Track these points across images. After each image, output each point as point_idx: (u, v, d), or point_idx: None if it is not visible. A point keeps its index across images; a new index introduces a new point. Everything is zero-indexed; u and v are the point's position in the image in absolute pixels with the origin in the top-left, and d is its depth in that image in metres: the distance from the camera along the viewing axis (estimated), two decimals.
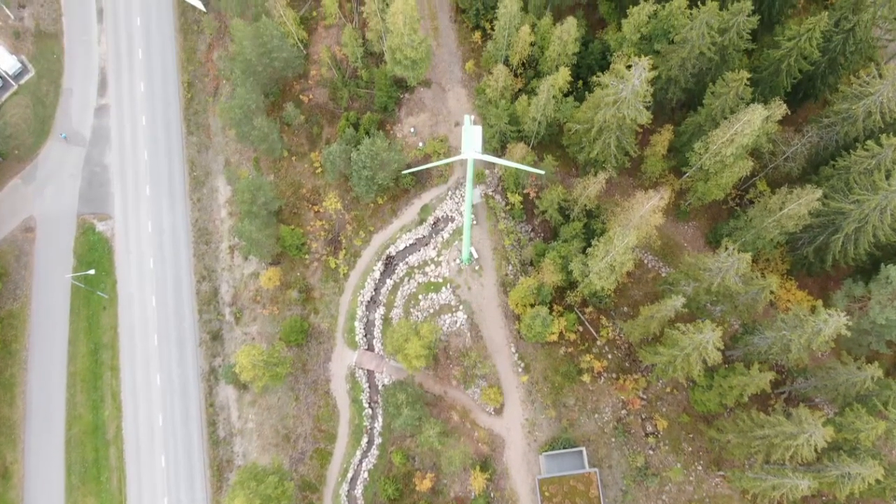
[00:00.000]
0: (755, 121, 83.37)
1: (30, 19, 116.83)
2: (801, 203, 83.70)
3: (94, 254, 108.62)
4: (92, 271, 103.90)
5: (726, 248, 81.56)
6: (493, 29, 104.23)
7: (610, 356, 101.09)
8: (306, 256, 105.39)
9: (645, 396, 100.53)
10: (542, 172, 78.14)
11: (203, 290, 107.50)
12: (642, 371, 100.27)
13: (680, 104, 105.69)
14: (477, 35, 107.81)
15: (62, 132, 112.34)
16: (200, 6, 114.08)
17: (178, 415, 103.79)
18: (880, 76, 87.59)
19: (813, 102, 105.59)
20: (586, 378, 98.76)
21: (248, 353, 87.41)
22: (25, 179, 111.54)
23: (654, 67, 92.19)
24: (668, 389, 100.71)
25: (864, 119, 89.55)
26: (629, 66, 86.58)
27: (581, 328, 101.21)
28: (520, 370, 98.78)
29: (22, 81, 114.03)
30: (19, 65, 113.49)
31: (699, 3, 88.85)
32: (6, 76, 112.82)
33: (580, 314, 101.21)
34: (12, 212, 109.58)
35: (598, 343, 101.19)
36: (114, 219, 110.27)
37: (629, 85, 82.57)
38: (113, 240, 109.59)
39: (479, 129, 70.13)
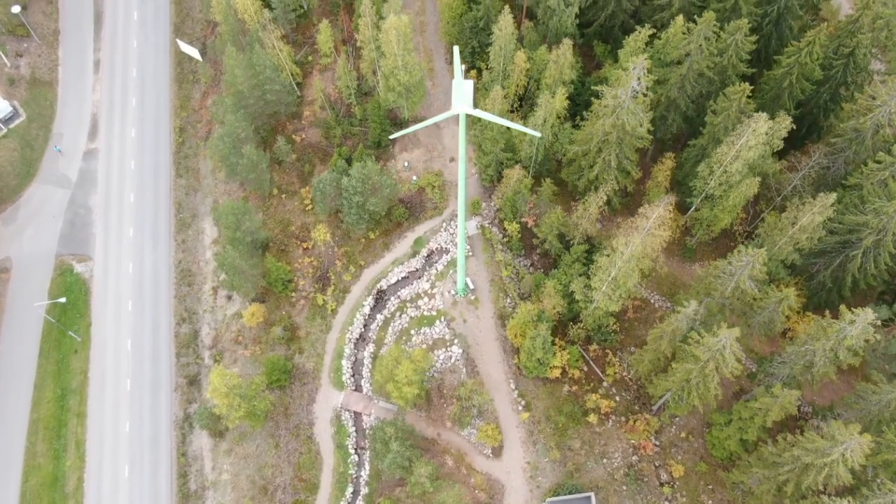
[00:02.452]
0: (760, 129, 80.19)
1: (26, 67, 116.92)
2: (816, 211, 79.02)
3: (70, 295, 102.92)
4: (63, 299, 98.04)
5: (740, 251, 76.22)
6: (488, 68, 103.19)
7: (618, 398, 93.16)
8: (293, 294, 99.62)
9: (658, 443, 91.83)
10: (539, 135, 73.61)
11: (182, 333, 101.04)
12: (654, 412, 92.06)
13: (682, 139, 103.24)
14: (472, 74, 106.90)
15: (57, 146, 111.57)
16: (197, 56, 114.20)
17: (146, 465, 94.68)
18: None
19: (817, 139, 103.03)
20: (593, 419, 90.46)
21: (221, 375, 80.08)
22: (5, 221, 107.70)
23: (655, 82, 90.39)
24: (683, 435, 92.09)
25: (873, 136, 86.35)
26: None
27: (586, 367, 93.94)
28: (520, 408, 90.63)
29: (12, 125, 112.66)
30: (10, 109, 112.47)
31: (695, 20, 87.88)
32: None
33: (584, 352, 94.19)
34: None
35: (605, 384, 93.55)
36: (93, 260, 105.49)
37: (628, 88, 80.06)
38: (91, 281, 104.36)
39: (470, 83, 66.69)
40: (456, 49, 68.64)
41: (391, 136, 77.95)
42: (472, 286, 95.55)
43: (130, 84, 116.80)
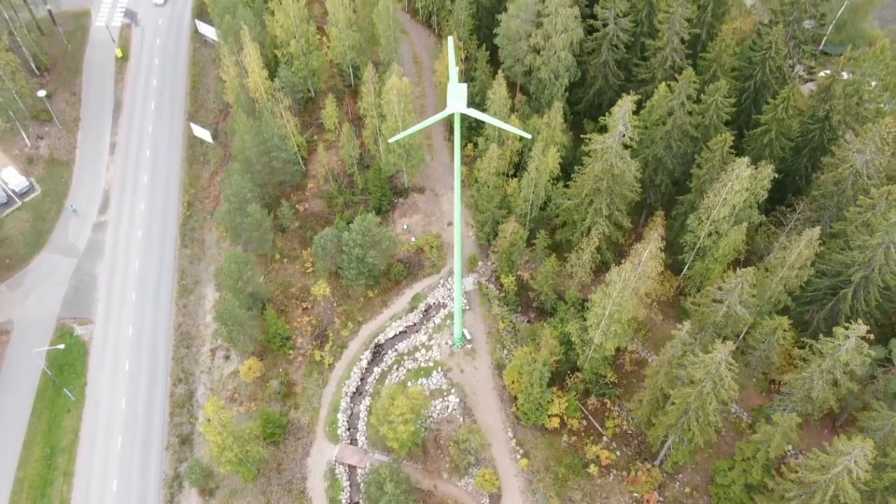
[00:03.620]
0: (743, 174, 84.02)
1: (45, 148, 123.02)
2: (802, 245, 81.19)
3: (69, 356, 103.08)
4: (62, 346, 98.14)
5: (729, 276, 77.73)
6: (483, 135, 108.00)
7: (619, 452, 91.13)
8: (290, 352, 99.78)
9: (662, 498, 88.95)
10: (529, 136, 75.96)
11: (178, 393, 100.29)
12: (657, 463, 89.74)
13: (671, 205, 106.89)
14: (469, 147, 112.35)
15: (73, 205, 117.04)
16: (208, 138, 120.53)
17: None
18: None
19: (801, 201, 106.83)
20: (593, 470, 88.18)
21: (216, 405, 79.04)
22: (11, 286, 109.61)
23: (642, 146, 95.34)
24: (688, 491, 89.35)
25: (853, 185, 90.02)
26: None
27: (585, 421, 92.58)
28: (518, 456, 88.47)
29: (27, 199, 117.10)
30: (27, 184, 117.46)
31: (677, 79, 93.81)
32: (12, 193, 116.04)
33: (582, 407, 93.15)
34: None
35: (605, 438, 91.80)
36: (94, 323, 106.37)
37: (615, 133, 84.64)
38: (90, 343, 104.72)
39: (464, 86, 70.55)
40: (450, 40, 72.89)
41: (390, 140, 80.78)
42: (468, 336, 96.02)
43: (143, 163, 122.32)
